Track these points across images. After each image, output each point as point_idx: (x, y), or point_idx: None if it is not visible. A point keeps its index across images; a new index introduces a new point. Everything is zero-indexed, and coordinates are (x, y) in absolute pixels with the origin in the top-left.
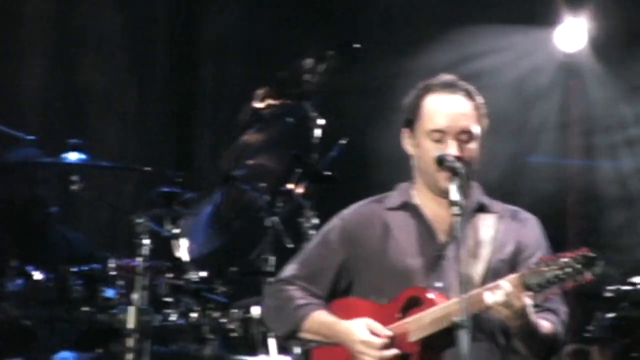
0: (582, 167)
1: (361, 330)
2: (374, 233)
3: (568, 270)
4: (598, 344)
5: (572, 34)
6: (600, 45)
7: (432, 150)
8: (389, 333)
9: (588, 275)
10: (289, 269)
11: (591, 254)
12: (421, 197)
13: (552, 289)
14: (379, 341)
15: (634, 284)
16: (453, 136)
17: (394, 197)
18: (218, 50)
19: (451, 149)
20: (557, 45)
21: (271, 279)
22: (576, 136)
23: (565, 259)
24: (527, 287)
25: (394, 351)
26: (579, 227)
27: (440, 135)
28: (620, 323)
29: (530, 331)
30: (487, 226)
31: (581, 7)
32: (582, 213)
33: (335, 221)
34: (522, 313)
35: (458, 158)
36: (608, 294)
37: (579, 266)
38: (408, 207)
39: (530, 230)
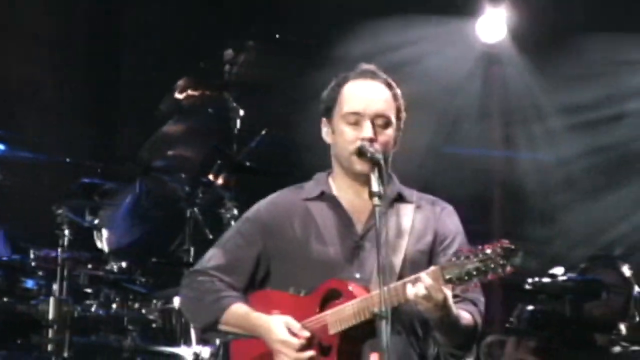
0: (502, 158)
1: (279, 329)
2: (291, 223)
3: (488, 262)
4: (515, 336)
5: (492, 24)
6: (520, 36)
7: (348, 133)
8: (307, 334)
9: (508, 268)
10: (206, 260)
11: (511, 246)
12: (339, 186)
13: (472, 281)
14: (296, 342)
15: (552, 276)
16: (369, 119)
17: (311, 187)
18: (138, 40)
19: (366, 130)
20: (477, 36)
21: (189, 270)
22: (496, 127)
23: (486, 251)
24: (448, 280)
25: (310, 353)
26: (500, 219)
27: (356, 118)
28: (537, 316)
29: (450, 323)
30: (405, 216)
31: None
32: (502, 204)
33: (252, 211)
34: (442, 305)
35: (372, 140)
36: (528, 286)
37: (498, 258)
38: (325, 197)
39: (447, 219)
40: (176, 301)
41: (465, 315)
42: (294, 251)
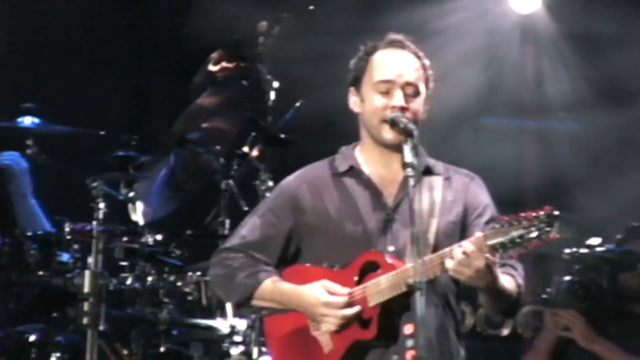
0: (537, 128)
1: (319, 292)
2: (322, 199)
3: (532, 229)
4: (552, 307)
5: None
6: (555, 6)
7: (378, 101)
8: (347, 290)
9: (552, 234)
10: (236, 237)
11: (554, 212)
12: (367, 157)
13: (516, 248)
14: (340, 299)
15: (590, 247)
16: (399, 87)
17: (339, 162)
18: (172, 10)
19: (397, 99)
20: (511, 7)
21: (218, 247)
22: (531, 97)
23: (529, 218)
24: (491, 248)
25: (356, 308)
26: (535, 188)
27: (386, 87)
28: (575, 287)
29: (496, 288)
30: (434, 188)
31: None
32: (538, 174)
33: (281, 187)
34: (485, 272)
35: (403, 109)
36: (565, 257)
37: (542, 225)
38: (354, 171)
39: (477, 190)
40: None
41: (509, 280)
42: (325, 227)
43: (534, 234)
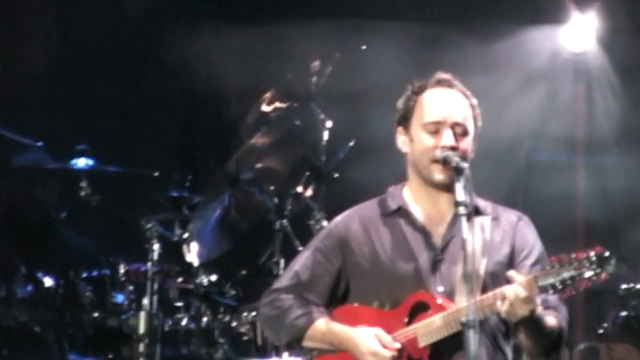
0: (588, 163)
1: (371, 340)
2: (370, 239)
3: (583, 270)
4: (607, 342)
5: (580, 32)
6: (609, 44)
7: (428, 141)
8: (398, 346)
9: (602, 275)
10: (286, 278)
11: (605, 253)
12: (414, 197)
13: (566, 289)
14: (388, 354)
15: None
16: (449, 127)
17: (387, 202)
18: (217, 52)
19: (447, 138)
20: (564, 44)
21: (268, 289)
22: (581, 132)
23: (579, 259)
24: (542, 289)
25: None
26: (588, 223)
27: (436, 127)
28: (631, 321)
29: (539, 328)
30: (482, 229)
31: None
32: (591, 210)
33: (330, 228)
34: (535, 312)
35: (453, 148)
36: (621, 292)
37: (593, 265)
38: (402, 212)
39: (524, 230)
40: None
41: (551, 320)
42: (375, 267)
43: (585, 275)
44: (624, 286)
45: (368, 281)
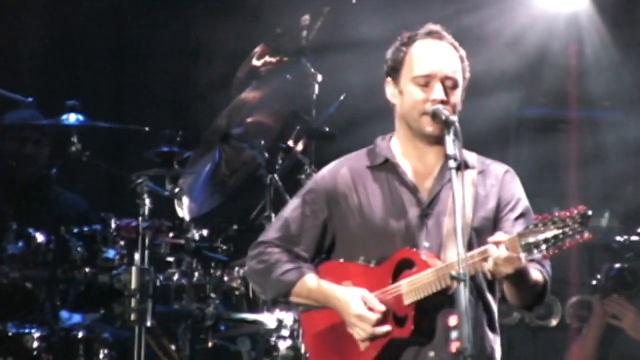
0: (579, 118)
1: (356, 302)
2: (357, 192)
3: (566, 229)
4: (601, 295)
5: None
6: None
7: (418, 94)
8: (384, 308)
9: (585, 235)
10: (272, 231)
11: (588, 212)
12: (402, 149)
13: (550, 248)
14: (374, 317)
15: None
16: (439, 80)
17: (374, 154)
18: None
19: (437, 92)
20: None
21: (255, 241)
22: (573, 86)
23: (563, 218)
24: (525, 247)
25: (387, 328)
26: (580, 179)
27: (426, 80)
28: (625, 273)
29: (525, 285)
30: (468, 182)
31: None
32: (582, 164)
33: (315, 180)
34: (522, 271)
35: (444, 102)
36: (615, 245)
37: (576, 225)
38: (389, 165)
39: (510, 183)
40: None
41: (535, 273)
42: (361, 221)
43: (568, 235)
44: (617, 239)
45: (354, 236)
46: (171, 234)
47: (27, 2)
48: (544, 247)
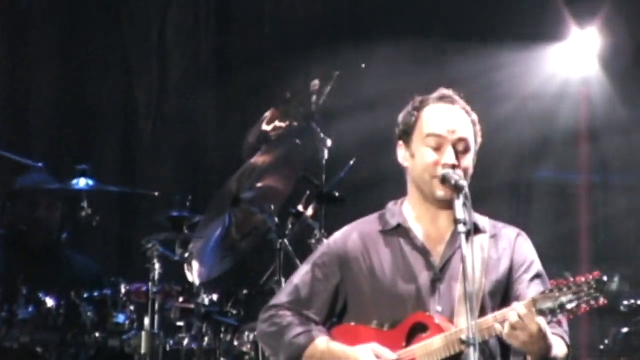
0: (590, 181)
1: (368, 356)
2: (369, 257)
3: (581, 294)
4: (609, 359)
5: (580, 49)
6: (609, 61)
7: (429, 156)
8: (395, 357)
9: (601, 300)
10: (283, 295)
11: (604, 278)
12: (414, 213)
13: (564, 313)
14: None
15: None
16: (451, 144)
17: (387, 219)
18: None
19: (449, 156)
20: (564, 61)
21: (266, 305)
22: (584, 150)
23: (578, 284)
24: (540, 312)
25: None
26: (591, 243)
27: (438, 141)
28: (631, 338)
29: (548, 355)
30: (480, 247)
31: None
32: (592, 228)
33: (328, 244)
34: (539, 336)
35: (455, 167)
36: (623, 309)
37: (592, 290)
38: (402, 229)
39: (523, 246)
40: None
41: (559, 342)
42: (373, 285)
43: (584, 300)
44: (625, 303)
45: (367, 300)
46: (181, 299)
47: (37, 67)
48: (559, 312)
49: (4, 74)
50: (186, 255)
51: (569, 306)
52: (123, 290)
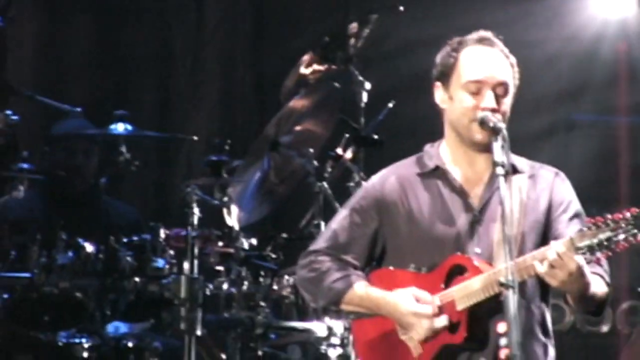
0: (629, 123)
1: (409, 300)
2: (407, 200)
3: (619, 231)
4: None
5: None
6: None
7: (468, 101)
8: (437, 301)
9: (639, 236)
10: (322, 240)
11: None
12: (451, 156)
13: (603, 250)
14: (429, 310)
15: None
16: (490, 88)
17: (424, 161)
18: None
19: (488, 100)
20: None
21: (306, 250)
22: (624, 92)
23: (616, 220)
24: (578, 250)
25: (444, 319)
26: (631, 184)
27: (477, 87)
28: None
29: (587, 293)
30: (519, 187)
31: None
32: (632, 169)
33: (366, 188)
34: (577, 276)
35: (494, 110)
36: None
37: (630, 227)
38: (440, 171)
39: (561, 186)
40: None
41: (598, 281)
42: (412, 228)
43: (621, 236)
44: None
45: (405, 243)
46: (220, 243)
47: (74, 14)
48: (597, 249)
49: (40, 21)
50: (225, 199)
51: (607, 243)
52: (162, 235)
